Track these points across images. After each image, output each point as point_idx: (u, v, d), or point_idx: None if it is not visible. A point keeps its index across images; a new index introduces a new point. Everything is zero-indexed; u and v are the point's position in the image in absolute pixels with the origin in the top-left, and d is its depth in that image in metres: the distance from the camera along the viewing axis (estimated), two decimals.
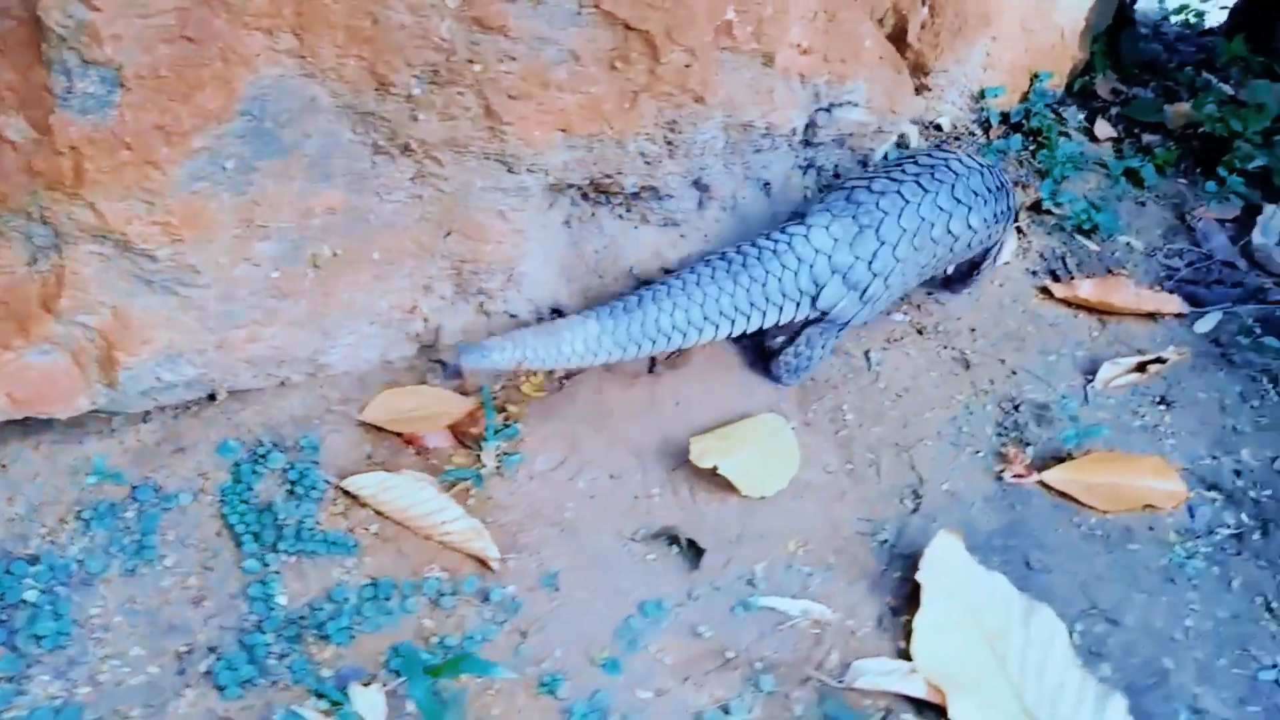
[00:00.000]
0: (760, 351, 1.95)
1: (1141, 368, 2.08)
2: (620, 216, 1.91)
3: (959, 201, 1.81)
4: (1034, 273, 2.33)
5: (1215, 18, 3.82)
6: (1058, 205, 2.51)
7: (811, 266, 1.70)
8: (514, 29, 1.46)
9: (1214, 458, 1.92)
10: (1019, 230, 2.41)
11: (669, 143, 1.72)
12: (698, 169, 1.85)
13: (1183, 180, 2.69)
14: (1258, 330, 2.18)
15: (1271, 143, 2.67)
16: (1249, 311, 2.25)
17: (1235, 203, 2.62)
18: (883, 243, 1.73)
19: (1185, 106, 2.84)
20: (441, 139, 1.50)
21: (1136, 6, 4.08)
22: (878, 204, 1.75)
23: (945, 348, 2.09)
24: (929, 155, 1.88)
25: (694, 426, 1.78)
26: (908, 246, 1.74)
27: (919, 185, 1.78)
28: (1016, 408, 1.97)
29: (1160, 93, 3.05)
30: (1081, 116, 2.87)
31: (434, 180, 1.55)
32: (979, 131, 2.72)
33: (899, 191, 1.76)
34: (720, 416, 1.81)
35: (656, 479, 1.70)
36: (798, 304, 1.72)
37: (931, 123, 2.69)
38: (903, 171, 1.81)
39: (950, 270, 2.09)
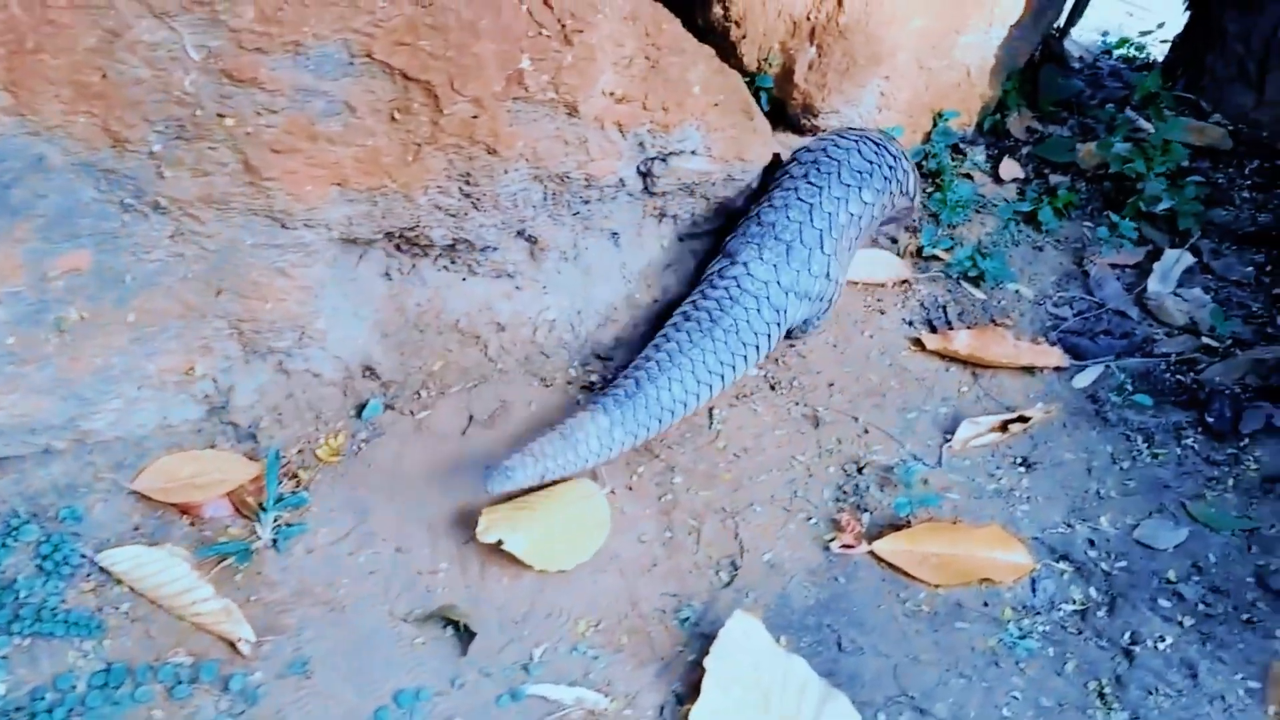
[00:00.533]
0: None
1: (1004, 426, 1.97)
2: (445, 268, 1.83)
3: (848, 185, 1.95)
4: (910, 323, 2.23)
5: (1164, 51, 3.71)
6: (946, 250, 2.40)
7: (768, 298, 1.83)
8: (269, 81, 1.39)
9: (1069, 525, 1.80)
10: (905, 283, 2.31)
11: (466, 195, 1.64)
12: (517, 221, 1.77)
13: (1088, 223, 2.58)
14: (1130, 387, 2.06)
15: (1178, 184, 2.55)
16: (1132, 365, 2.13)
17: (1137, 248, 2.50)
18: (810, 248, 1.88)
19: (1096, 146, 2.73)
20: (196, 196, 1.42)
21: (1079, 40, 3.98)
22: (787, 216, 1.89)
23: (797, 404, 1.98)
24: (807, 150, 2.03)
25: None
26: (829, 239, 1.90)
27: (810, 184, 1.93)
28: (860, 470, 1.86)
29: (1078, 131, 2.94)
30: (987, 157, 2.76)
31: (196, 238, 1.47)
32: None
33: (798, 198, 1.91)
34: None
35: (447, 553, 1.60)
36: (769, 335, 1.85)
37: None
38: (790, 178, 1.96)
39: (876, 236, 2.31)
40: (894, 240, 2.43)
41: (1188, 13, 3.34)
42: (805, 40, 2.53)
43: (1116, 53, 3.70)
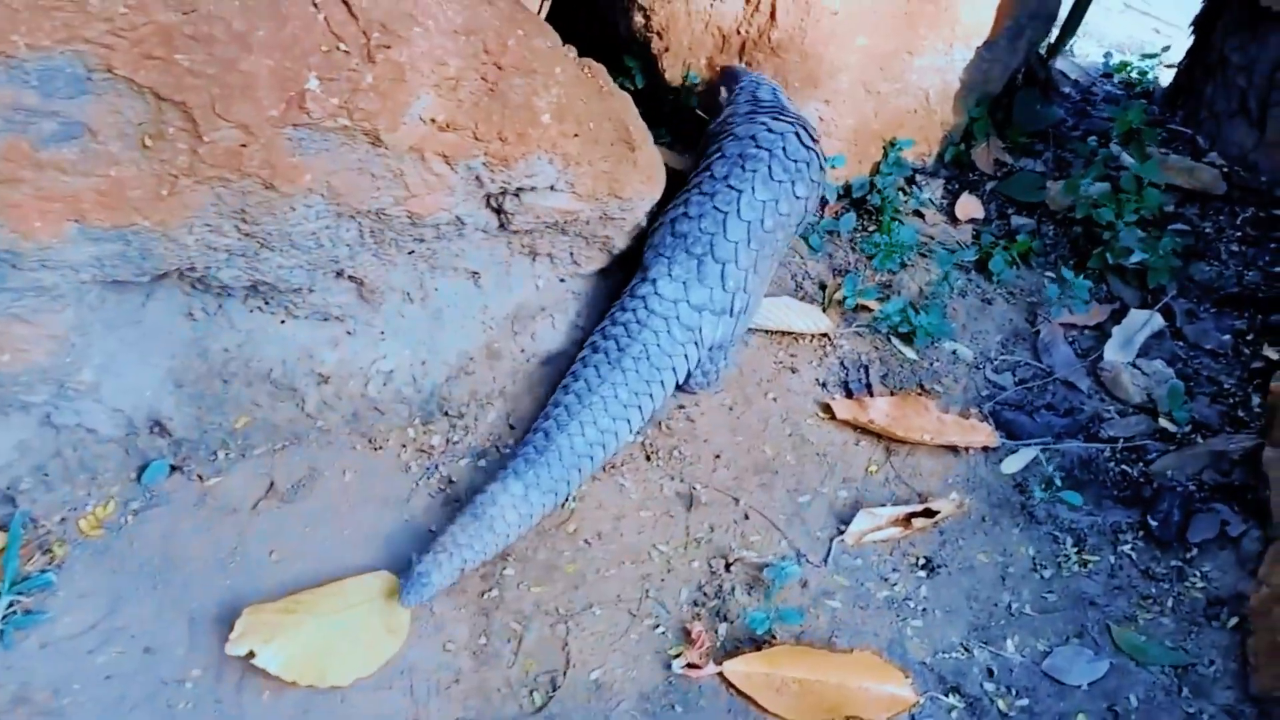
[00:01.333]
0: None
1: (908, 520, 1.69)
2: (258, 309, 1.58)
3: (778, 182, 1.77)
4: (824, 384, 1.95)
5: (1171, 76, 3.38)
6: (877, 300, 2.12)
7: (678, 319, 1.68)
8: None
9: (967, 649, 1.52)
10: (825, 336, 2.03)
11: (248, 235, 1.39)
12: (328, 261, 1.51)
13: (1050, 274, 2.28)
14: (1059, 479, 1.76)
15: (1155, 234, 2.25)
16: (1072, 450, 1.84)
17: (1101, 305, 2.20)
18: (723, 263, 1.71)
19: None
20: None
21: (1081, 61, 3.66)
22: (700, 228, 1.72)
23: (673, 479, 1.72)
24: (733, 139, 1.83)
25: (286, 584, 1.44)
26: (746, 251, 1.72)
27: (730, 187, 1.75)
28: (728, 567, 1.59)
29: (1052, 166, 2.64)
30: (945, 192, 2.47)
31: None
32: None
33: (714, 205, 1.73)
34: (329, 571, 1.47)
35: (204, 657, 1.36)
36: (686, 355, 1.70)
37: None
38: (711, 176, 1.78)
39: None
40: (823, 286, 2.16)
41: (1193, 36, 3.02)
42: (734, 56, 2.26)
43: (1117, 76, 3.37)
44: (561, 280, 1.86)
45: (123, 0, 1.18)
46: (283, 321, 1.61)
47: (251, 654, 1.28)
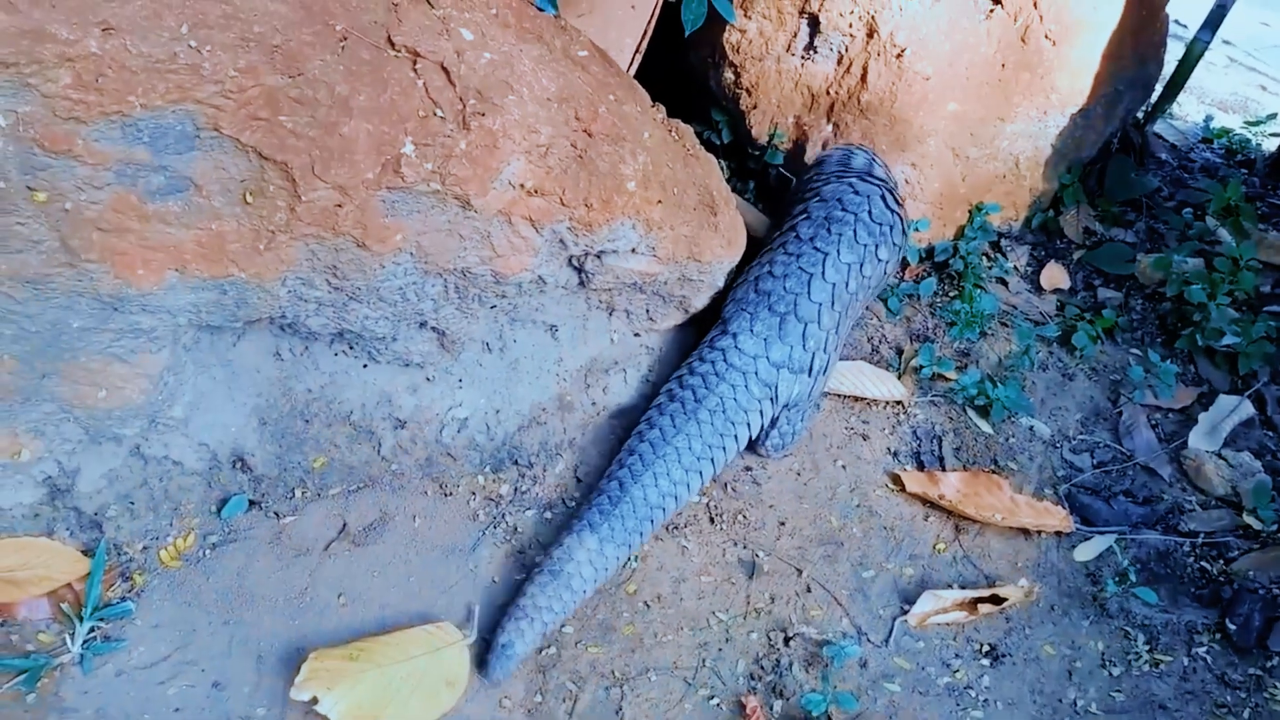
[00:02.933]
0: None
1: (974, 604, 1.66)
2: (342, 353, 1.63)
3: (863, 245, 1.81)
4: (895, 454, 1.93)
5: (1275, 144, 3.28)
6: (955, 370, 2.09)
7: (756, 374, 1.69)
8: (90, 153, 1.21)
9: None
10: (899, 404, 2.01)
11: (337, 289, 1.44)
12: (413, 314, 1.56)
13: (1136, 351, 2.22)
14: (1134, 571, 1.71)
15: (1250, 316, 2.18)
16: (1150, 541, 1.79)
17: (1189, 388, 2.14)
18: (805, 323, 1.72)
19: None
20: (6, 273, 1.25)
21: (1180, 126, 3.57)
22: (785, 287, 1.74)
23: (736, 544, 1.71)
24: (820, 200, 1.86)
25: (351, 628, 1.47)
26: (829, 313, 1.75)
27: (815, 249, 1.77)
28: (788, 641, 1.58)
29: (1144, 237, 2.58)
30: (1031, 259, 2.43)
31: (12, 317, 1.30)
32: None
33: (800, 266, 1.75)
34: (391, 618, 1.50)
35: (269, 695, 1.40)
36: (761, 411, 1.71)
37: None
38: (797, 237, 1.81)
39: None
40: (899, 352, 2.14)
41: None
42: (822, 116, 2.26)
43: (1217, 142, 3.28)
44: (636, 335, 1.88)
45: (233, 64, 1.24)
46: (365, 366, 1.65)
47: (315, 700, 1.31)
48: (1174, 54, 2.96)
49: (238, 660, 1.41)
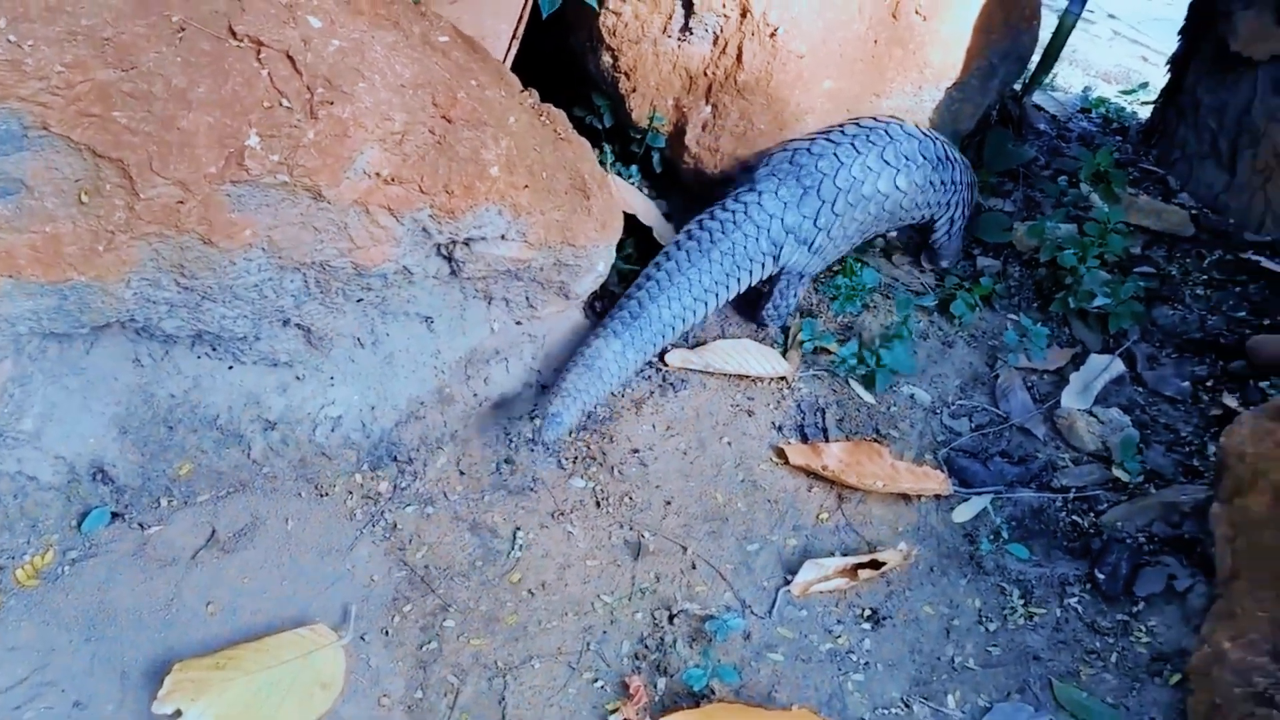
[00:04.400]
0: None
1: (855, 570, 1.69)
2: (204, 355, 1.59)
3: (887, 164, 1.98)
4: (780, 428, 1.95)
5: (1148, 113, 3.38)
6: (837, 343, 2.12)
7: (769, 231, 1.90)
8: None
9: (906, 705, 1.52)
10: (783, 380, 2.03)
11: (187, 289, 1.40)
12: (275, 311, 1.52)
13: (1014, 317, 2.28)
14: (1007, 529, 1.76)
15: (1120, 278, 2.25)
16: (1024, 499, 1.84)
17: (1063, 349, 2.20)
18: (823, 201, 1.92)
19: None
20: None
21: (1060, 97, 3.67)
22: (816, 165, 1.94)
23: (621, 526, 1.72)
24: (873, 119, 2.07)
25: (220, 638, 1.44)
26: (844, 203, 1.94)
27: (854, 147, 1.97)
28: (672, 619, 1.59)
29: (1021, 206, 2.64)
30: (910, 232, 2.47)
31: None
32: None
33: (835, 154, 1.95)
34: (264, 624, 1.47)
35: (133, 712, 1.36)
36: (763, 264, 1.93)
37: None
38: (842, 133, 2.00)
39: (893, 233, 2.29)
40: (785, 329, 2.16)
41: (1168, 75, 3.04)
42: (701, 98, 2.27)
43: (1095, 112, 3.38)
44: (518, 323, 1.87)
45: (59, 59, 1.19)
46: (230, 367, 1.61)
47: (178, 713, 1.28)
48: (1052, 26, 3.03)
49: (100, 678, 1.37)
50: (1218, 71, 2.62)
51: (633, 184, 2.35)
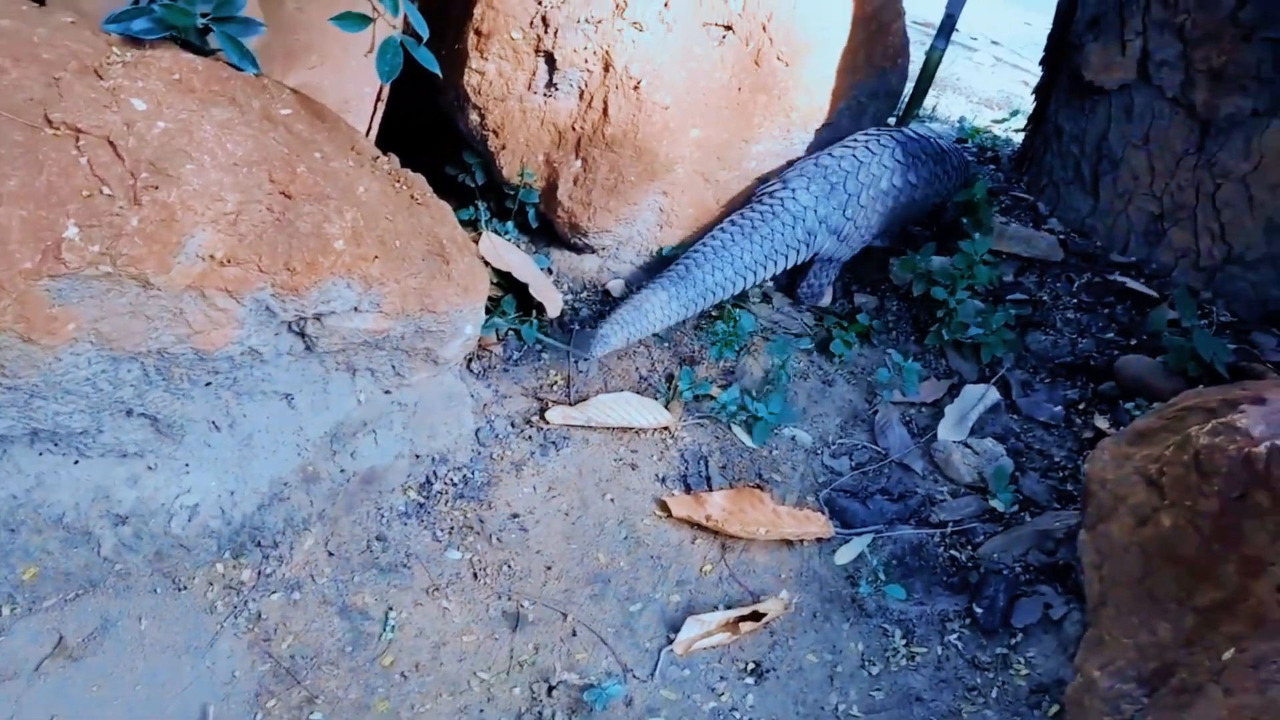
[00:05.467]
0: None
1: (737, 624, 1.67)
2: (46, 452, 1.51)
3: (899, 162, 2.28)
4: (664, 479, 1.94)
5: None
6: (720, 388, 2.12)
7: (803, 221, 2.18)
8: None
9: None
10: (666, 429, 2.02)
11: (11, 388, 1.33)
12: (114, 402, 1.46)
13: (892, 351, 2.31)
14: (884, 570, 1.77)
15: (990, 307, 2.29)
16: (905, 537, 1.85)
17: (940, 381, 2.23)
18: (849, 194, 2.21)
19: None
20: None
21: (934, 127, 3.77)
22: (840, 165, 2.23)
23: (500, 597, 1.68)
24: (876, 128, 2.39)
25: None
26: (866, 195, 2.23)
27: (868, 149, 2.26)
28: (551, 691, 1.55)
29: (900, 241, 2.69)
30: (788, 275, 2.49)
31: None
32: None
33: (854, 155, 2.24)
34: None
35: None
36: (798, 251, 2.21)
37: (603, 287, 2.33)
38: (854, 140, 2.30)
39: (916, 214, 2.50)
40: (669, 378, 2.15)
41: (1034, 103, 3.14)
42: (571, 152, 2.27)
43: (971, 141, 3.48)
44: (386, 392, 1.82)
45: None
46: (76, 462, 1.54)
47: None
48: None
49: None
50: (1076, 100, 2.71)
51: (509, 240, 2.33)
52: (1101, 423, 2.10)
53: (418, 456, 1.86)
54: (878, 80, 2.59)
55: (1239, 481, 1.41)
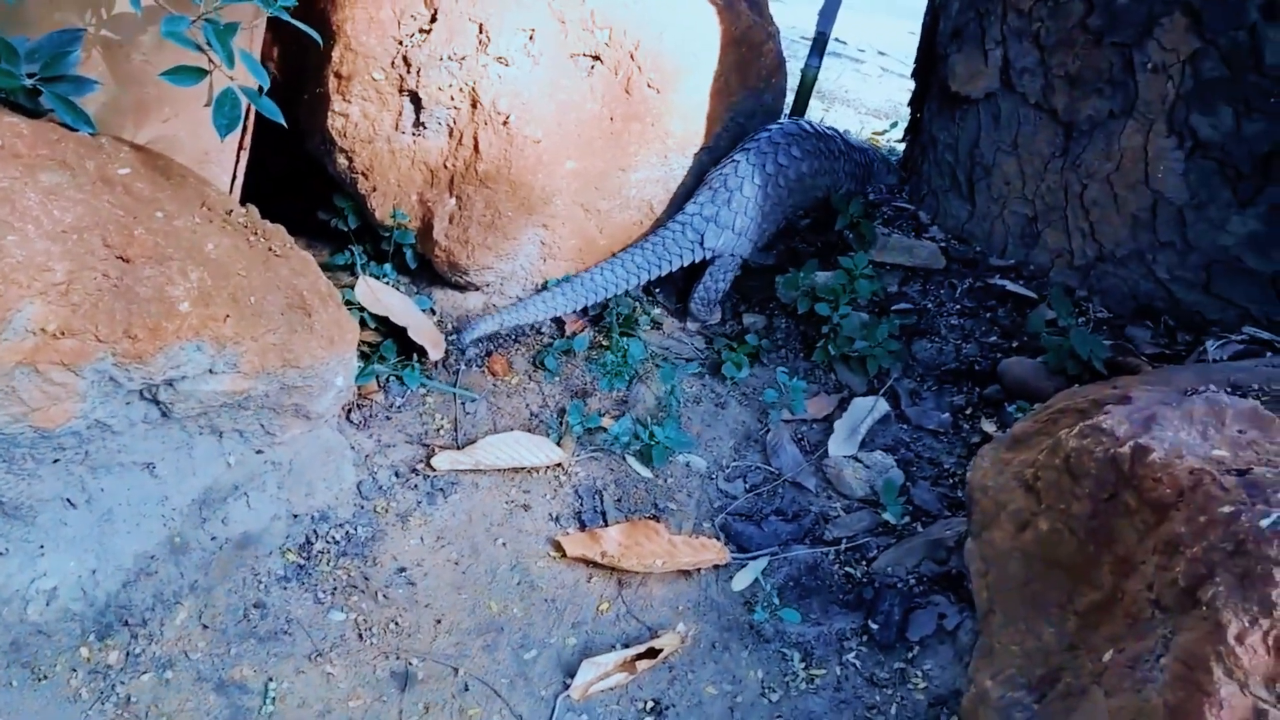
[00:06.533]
0: None
1: (633, 662, 1.64)
2: None
3: (775, 144, 2.39)
4: (557, 519, 1.90)
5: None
6: (614, 418, 2.09)
7: (691, 225, 2.31)
8: None
9: None
10: (559, 466, 1.98)
11: None
12: None
13: (783, 369, 2.31)
14: (778, 594, 1.76)
15: (874, 320, 2.31)
16: (801, 557, 1.84)
17: (828, 397, 2.24)
18: (732, 190, 2.32)
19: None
20: None
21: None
22: (719, 170, 2.37)
23: (388, 656, 1.61)
24: (756, 134, 2.45)
25: None
26: (751, 186, 2.33)
27: (742, 148, 2.39)
28: None
29: (788, 258, 2.71)
30: (679, 299, 2.49)
31: None
32: (553, 328, 2.33)
33: (735, 168, 2.35)
34: None
35: None
36: (692, 250, 2.32)
37: None
38: (746, 149, 2.39)
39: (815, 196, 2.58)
40: (562, 413, 2.11)
41: (910, 115, 3.20)
42: (444, 191, 2.23)
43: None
44: (259, 452, 1.75)
45: None
46: None
47: None
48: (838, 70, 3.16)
49: None
50: (947, 109, 2.78)
51: (388, 282, 2.28)
52: (988, 426, 2.13)
53: (296, 516, 1.79)
54: (754, 101, 2.61)
55: (1107, 482, 1.43)
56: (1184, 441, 1.41)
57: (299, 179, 2.34)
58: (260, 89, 1.55)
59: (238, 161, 2.14)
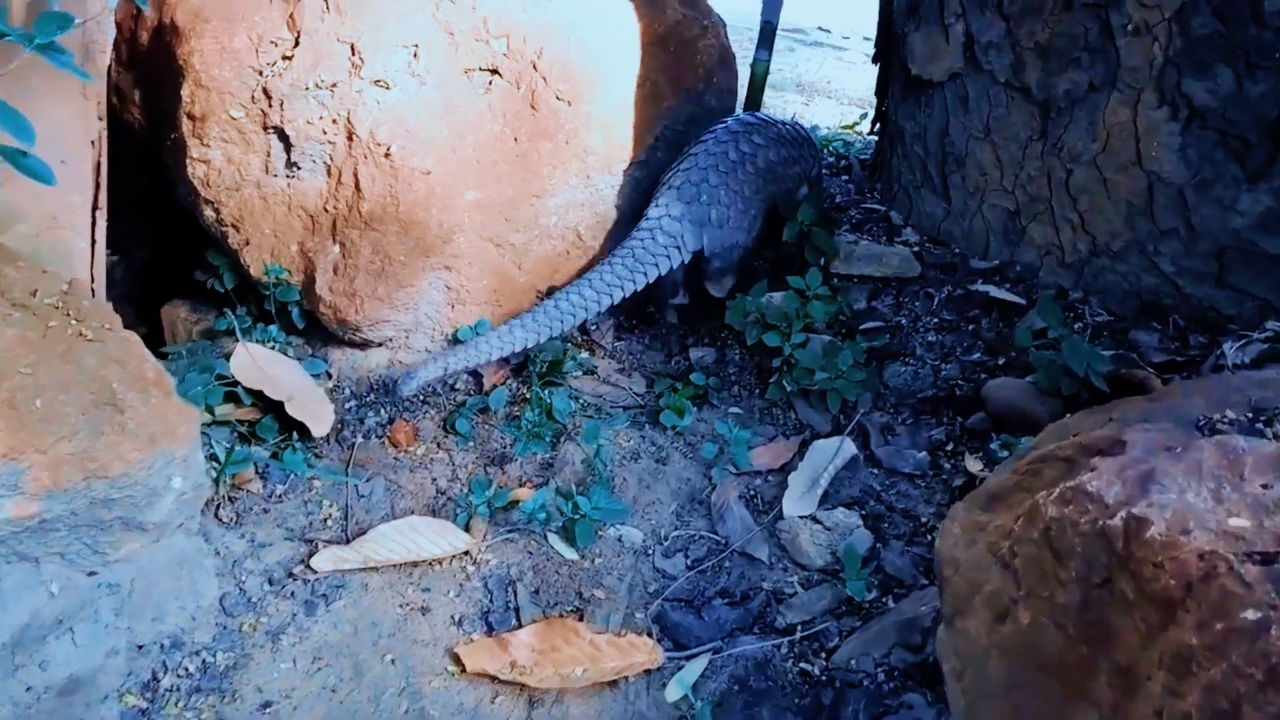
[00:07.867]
0: None
1: None
2: None
3: (732, 134, 2.17)
4: (461, 622, 1.60)
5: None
6: (532, 489, 1.79)
7: (662, 229, 2.05)
8: None
9: None
10: (466, 554, 1.68)
11: None
12: None
13: (735, 410, 2.00)
14: (712, 713, 1.44)
15: (835, 346, 2.00)
16: (747, 653, 1.52)
17: (787, 441, 1.92)
18: (696, 184, 2.08)
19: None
20: None
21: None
22: (679, 168, 2.12)
23: None
24: (706, 133, 2.20)
25: None
26: (716, 174, 2.09)
27: (700, 141, 2.16)
28: None
29: (739, 278, 2.39)
30: (615, 335, 2.18)
31: None
32: (470, 381, 2.03)
33: (695, 162, 2.11)
34: None
35: None
36: (669, 255, 2.05)
37: (394, 384, 1.99)
38: (700, 145, 2.15)
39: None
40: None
41: (876, 105, 2.88)
42: (326, 238, 1.94)
43: (829, 150, 3.21)
44: (91, 574, 1.47)
45: None
46: None
47: None
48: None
49: None
50: (911, 95, 2.46)
51: (274, 347, 1.99)
52: (973, 465, 1.81)
53: (140, 647, 1.50)
54: (692, 104, 2.31)
55: (1098, 565, 1.11)
56: (1191, 507, 1.08)
57: (195, 232, 2.07)
58: (24, 150, 1.26)
59: (94, 224, 1.85)
